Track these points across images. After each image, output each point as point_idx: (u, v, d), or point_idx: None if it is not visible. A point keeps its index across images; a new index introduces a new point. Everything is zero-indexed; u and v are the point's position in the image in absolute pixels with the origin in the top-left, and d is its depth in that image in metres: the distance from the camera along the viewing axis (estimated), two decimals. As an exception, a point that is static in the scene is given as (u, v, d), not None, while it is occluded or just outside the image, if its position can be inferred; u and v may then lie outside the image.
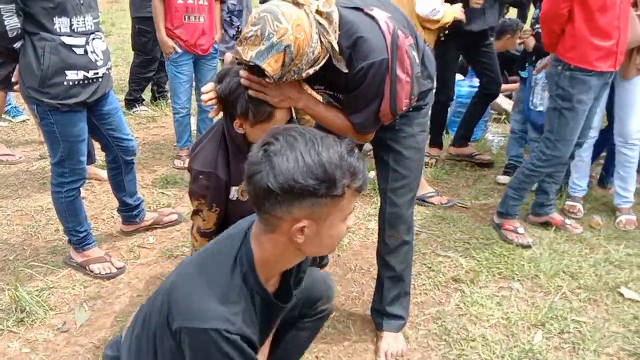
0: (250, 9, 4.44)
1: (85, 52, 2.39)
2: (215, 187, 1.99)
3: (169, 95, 5.39)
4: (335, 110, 1.91)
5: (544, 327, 2.39)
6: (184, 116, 3.98)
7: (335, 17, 1.68)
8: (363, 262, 2.85)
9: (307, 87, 1.90)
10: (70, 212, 2.62)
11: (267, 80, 1.67)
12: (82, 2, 2.35)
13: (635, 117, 3.15)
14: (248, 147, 1.97)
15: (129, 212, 3.00)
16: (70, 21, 2.32)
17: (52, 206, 2.71)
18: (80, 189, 2.64)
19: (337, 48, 1.69)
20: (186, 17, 3.69)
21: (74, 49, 2.35)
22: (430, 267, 2.80)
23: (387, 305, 2.26)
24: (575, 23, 2.69)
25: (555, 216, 3.24)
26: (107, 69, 2.54)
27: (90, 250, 2.73)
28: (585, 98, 2.78)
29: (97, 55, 2.45)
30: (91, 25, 2.41)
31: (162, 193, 3.57)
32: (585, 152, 3.38)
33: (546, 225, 3.23)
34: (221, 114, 1.98)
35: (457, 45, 3.68)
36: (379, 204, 3.36)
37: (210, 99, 1.88)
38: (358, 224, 3.22)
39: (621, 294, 2.63)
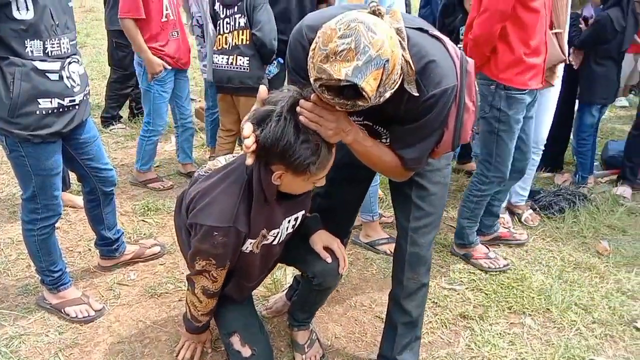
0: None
1: (61, 77, 2.16)
2: (235, 242, 1.75)
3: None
4: (382, 145, 1.69)
5: (562, 370, 2.24)
6: (158, 137, 3.78)
7: (405, 35, 1.47)
8: (364, 298, 2.66)
9: None
10: (43, 251, 2.38)
11: (361, 103, 1.36)
12: (57, 22, 2.13)
13: (545, 125, 3.22)
14: (278, 198, 1.75)
15: (108, 246, 2.76)
16: (44, 44, 2.09)
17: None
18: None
19: (413, 67, 1.46)
20: (171, 34, 3.53)
21: (47, 74, 2.12)
22: (437, 303, 2.62)
23: (397, 354, 2.07)
24: (512, 42, 2.57)
25: (502, 230, 3.19)
26: (85, 95, 2.31)
27: (66, 291, 2.48)
28: (521, 117, 2.70)
29: (74, 81, 2.22)
30: (67, 48, 2.19)
31: (143, 221, 3.33)
32: (533, 167, 3.34)
33: (496, 240, 3.16)
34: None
35: None
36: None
37: (253, 144, 1.56)
38: (355, 253, 3.03)
39: (638, 329, 2.48)
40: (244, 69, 3.31)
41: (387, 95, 1.40)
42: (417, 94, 1.47)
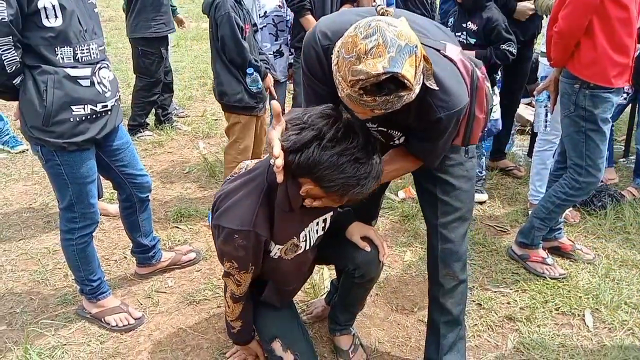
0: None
1: (92, 83, 2.15)
2: (255, 246, 1.73)
3: (174, 118, 5.18)
4: (398, 160, 1.78)
5: (618, 372, 2.15)
6: None
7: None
8: (405, 301, 2.59)
9: None
10: (82, 260, 2.37)
11: (404, 94, 1.32)
12: (85, 28, 2.12)
13: None
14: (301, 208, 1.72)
15: (145, 253, 2.74)
16: (74, 50, 2.08)
17: (59, 247, 2.47)
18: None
19: (429, 61, 1.41)
20: None
21: (79, 81, 2.11)
22: (481, 305, 2.54)
23: (444, 355, 2.01)
24: (597, 38, 2.43)
25: (565, 241, 2.94)
26: (116, 101, 2.30)
27: (105, 300, 2.47)
28: (608, 116, 2.54)
29: (105, 86, 2.21)
30: (97, 54, 2.17)
31: (177, 227, 3.31)
32: (549, 159, 3.20)
33: (555, 250, 2.92)
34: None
35: None
36: (412, 232, 3.17)
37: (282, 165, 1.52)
38: (393, 255, 2.97)
39: (694, 328, 2.38)
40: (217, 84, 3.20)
41: (417, 89, 1.37)
42: (436, 88, 1.44)
